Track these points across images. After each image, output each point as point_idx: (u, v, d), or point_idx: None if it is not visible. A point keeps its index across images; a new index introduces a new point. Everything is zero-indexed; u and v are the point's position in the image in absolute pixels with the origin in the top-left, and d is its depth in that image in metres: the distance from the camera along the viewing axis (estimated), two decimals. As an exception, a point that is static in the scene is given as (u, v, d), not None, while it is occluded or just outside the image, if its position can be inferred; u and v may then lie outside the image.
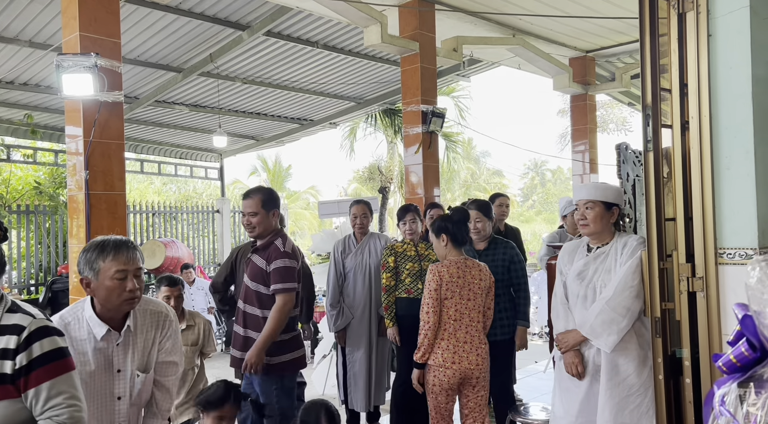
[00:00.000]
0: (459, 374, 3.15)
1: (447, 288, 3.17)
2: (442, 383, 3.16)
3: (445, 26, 6.17)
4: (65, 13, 3.82)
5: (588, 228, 2.83)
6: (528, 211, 35.94)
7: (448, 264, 3.24)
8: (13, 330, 1.55)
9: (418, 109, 5.73)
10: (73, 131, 3.81)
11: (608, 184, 2.97)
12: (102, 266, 1.98)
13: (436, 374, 3.16)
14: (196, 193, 23.93)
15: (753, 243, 2.18)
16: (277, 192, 3.33)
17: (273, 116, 10.28)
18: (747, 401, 1.34)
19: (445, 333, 3.17)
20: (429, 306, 3.16)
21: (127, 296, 2.00)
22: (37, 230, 8.82)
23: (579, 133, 8.43)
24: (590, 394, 2.76)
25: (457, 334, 3.17)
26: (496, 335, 3.69)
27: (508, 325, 3.75)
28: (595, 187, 2.90)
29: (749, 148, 2.19)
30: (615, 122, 23.39)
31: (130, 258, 2.01)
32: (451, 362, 3.14)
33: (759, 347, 1.41)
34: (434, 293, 3.16)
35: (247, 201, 3.26)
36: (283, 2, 5.69)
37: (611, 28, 6.97)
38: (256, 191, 3.29)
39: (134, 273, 2.02)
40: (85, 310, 2.07)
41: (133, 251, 2.03)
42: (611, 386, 2.67)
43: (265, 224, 3.24)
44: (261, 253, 3.24)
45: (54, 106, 8.62)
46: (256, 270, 3.22)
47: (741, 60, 2.22)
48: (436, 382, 3.17)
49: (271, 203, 3.27)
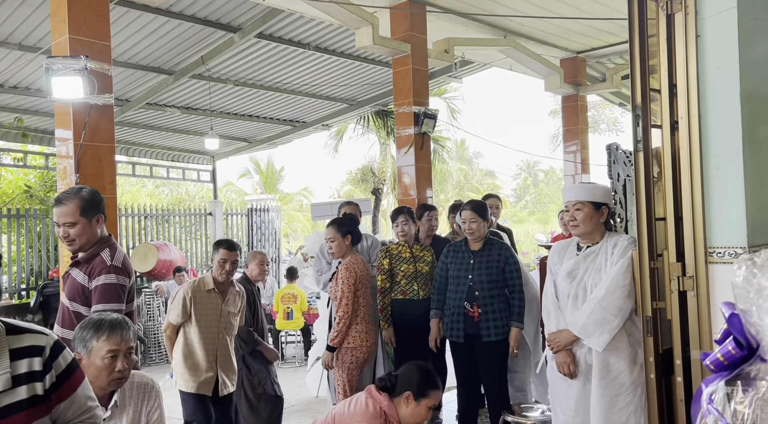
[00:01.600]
0: (370, 351, 3.89)
1: (359, 281, 3.81)
2: (359, 360, 3.81)
3: (436, 28, 6.18)
4: (54, 16, 3.80)
5: (578, 229, 2.84)
6: (521, 211, 36.06)
7: (356, 261, 3.85)
8: (33, 352, 1.54)
9: (410, 110, 5.74)
10: (63, 134, 3.79)
11: (596, 184, 2.98)
12: (95, 346, 2.02)
13: (355, 353, 3.78)
14: (189, 195, 23.84)
15: (742, 242, 2.20)
16: (100, 194, 2.82)
17: (265, 118, 10.27)
18: (734, 399, 1.36)
19: (359, 318, 3.81)
20: (348, 299, 3.74)
21: (115, 376, 2.05)
22: (28, 233, 8.76)
23: (570, 134, 8.46)
24: (584, 393, 2.77)
25: (366, 317, 3.85)
26: (491, 335, 3.69)
27: (502, 326, 3.74)
28: (582, 188, 2.91)
29: (738, 148, 2.21)
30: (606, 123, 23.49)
31: (123, 338, 2.05)
32: (366, 341, 3.82)
33: (746, 345, 1.42)
34: (352, 287, 3.76)
35: (60, 209, 2.64)
36: (275, 4, 5.69)
37: (601, 29, 7.00)
38: (71, 196, 2.67)
39: (125, 352, 2.06)
40: None
41: (127, 331, 2.08)
42: (602, 385, 2.68)
43: (88, 235, 2.68)
44: (82, 266, 2.69)
45: (44, 110, 8.57)
46: (75, 287, 2.68)
47: (729, 61, 2.23)
48: (353, 360, 3.79)
49: (92, 209, 2.69)
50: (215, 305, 3.62)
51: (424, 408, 2.51)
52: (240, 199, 21.95)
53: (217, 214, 11.34)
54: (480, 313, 3.70)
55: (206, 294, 3.61)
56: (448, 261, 3.91)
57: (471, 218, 3.82)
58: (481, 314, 3.70)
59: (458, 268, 3.83)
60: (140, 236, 10.13)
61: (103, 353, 2.02)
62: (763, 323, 1.35)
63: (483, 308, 3.70)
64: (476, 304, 3.71)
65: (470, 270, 3.77)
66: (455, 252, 3.91)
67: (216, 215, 11.32)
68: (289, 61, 7.72)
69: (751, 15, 2.28)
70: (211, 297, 3.62)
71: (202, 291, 3.61)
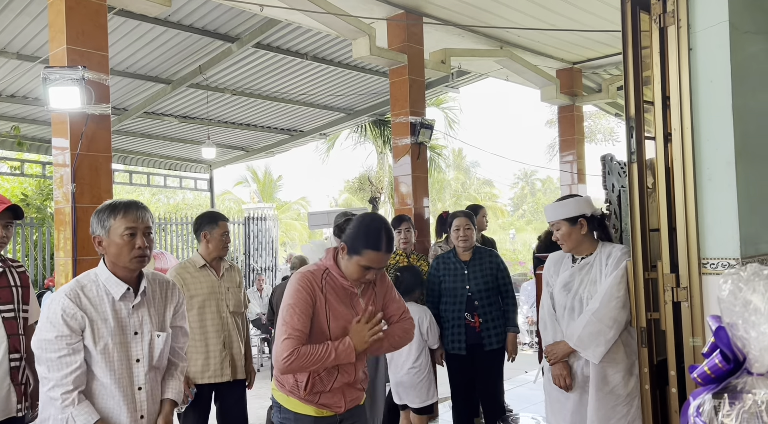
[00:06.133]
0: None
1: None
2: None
3: (433, 38, 6.21)
4: (52, 26, 3.81)
5: (565, 246, 2.87)
6: (518, 220, 36.10)
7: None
8: None
9: (406, 120, 5.76)
10: (60, 143, 3.79)
11: (567, 199, 2.95)
12: (112, 224, 2.06)
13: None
14: (186, 204, 23.82)
15: (735, 253, 2.21)
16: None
17: (262, 127, 10.29)
18: (722, 411, 1.36)
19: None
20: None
21: (136, 252, 2.06)
22: (24, 242, 8.74)
23: (567, 144, 8.49)
24: (580, 405, 2.77)
25: None
26: (493, 344, 3.68)
27: (501, 333, 3.74)
28: (554, 208, 2.89)
29: (730, 160, 2.23)
30: (602, 133, 23.61)
31: (139, 217, 2.08)
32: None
33: (732, 358, 1.43)
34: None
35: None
36: (272, 15, 5.71)
37: (597, 40, 7.05)
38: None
39: (143, 231, 2.08)
40: (99, 274, 2.11)
41: (142, 211, 2.10)
42: (600, 396, 2.68)
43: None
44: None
45: (41, 118, 8.57)
46: None
47: (721, 74, 2.26)
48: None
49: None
50: (210, 282, 3.42)
51: (354, 265, 2.20)
52: (237, 207, 21.94)
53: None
54: (481, 322, 3.68)
55: (197, 272, 3.41)
56: (440, 274, 3.87)
57: (465, 224, 3.80)
58: (482, 323, 3.69)
59: (453, 279, 3.80)
60: (137, 244, 10.10)
61: (121, 230, 2.05)
62: (749, 337, 1.36)
63: (483, 317, 3.70)
64: (477, 314, 3.69)
65: (466, 280, 3.76)
66: (445, 264, 3.87)
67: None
68: (286, 71, 7.75)
69: (743, 29, 2.31)
70: (204, 274, 3.42)
71: (191, 271, 3.41)
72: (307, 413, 2.23)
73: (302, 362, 2.09)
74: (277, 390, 2.31)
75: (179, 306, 2.29)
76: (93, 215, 2.13)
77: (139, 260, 2.08)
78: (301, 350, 2.09)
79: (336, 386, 2.24)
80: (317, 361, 2.11)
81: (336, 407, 2.26)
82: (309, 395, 2.21)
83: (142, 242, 2.07)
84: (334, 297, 2.24)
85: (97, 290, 2.07)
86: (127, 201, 2.12)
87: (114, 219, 2.06)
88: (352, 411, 2.33)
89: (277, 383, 2.31)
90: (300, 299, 2.17)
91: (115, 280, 2.08)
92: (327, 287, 2.23)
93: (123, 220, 2.06)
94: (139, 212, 2.09)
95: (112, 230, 2.06)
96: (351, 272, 2.23)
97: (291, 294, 2.20)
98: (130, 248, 2.05)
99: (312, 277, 2.24)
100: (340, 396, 2.27)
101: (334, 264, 2.28)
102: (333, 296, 2.23)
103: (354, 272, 2.23)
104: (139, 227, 2.07)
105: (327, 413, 2.25)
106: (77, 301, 2.01)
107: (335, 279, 2.26)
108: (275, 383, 2.32)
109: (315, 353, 2.11)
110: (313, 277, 2.24)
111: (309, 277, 2.23)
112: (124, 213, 2.06)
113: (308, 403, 2.23)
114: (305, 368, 2.12)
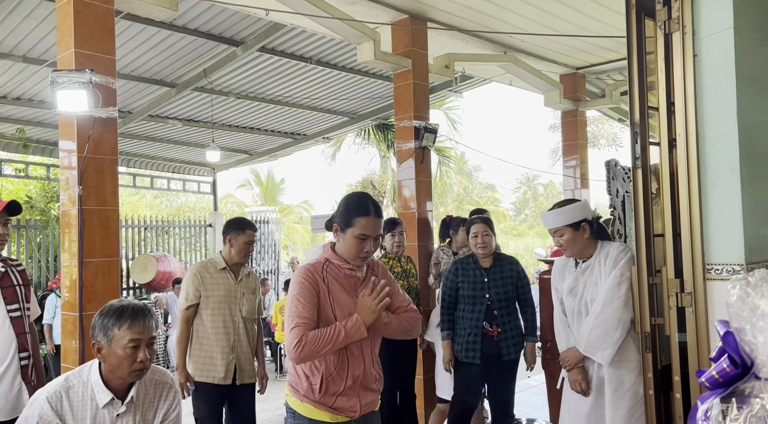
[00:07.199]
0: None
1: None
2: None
3: (437, 43, 6.24)
4: (60, 29, 3.83)
5: (568, 252, 2.88)
6: (521, 225, 36.07)
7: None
8: None
9: (410, 124, 5.78)
10: (67, 146, 3.81)
11: (567, 205, 2.91)
12: (116, 334, 1.95)
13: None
14: (189, 207, 23.86)
15: (740, 259, 2.22)
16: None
17: (266, 131, 10.31)
18: (729, 416, 1.37)
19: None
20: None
21: (137, 366, 1.98)
22: (28, 244, 8.76)
23: (570, 149, 8.49)
24: (596, 407, 2.77)
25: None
26: (511, 353, 3.61)
27: (520, 343, 3.66)
28: (556, 214, 2.87)
29: (735, 166, 2.24)
30: (606, 138, 23.60)
31: (145, 327, 1.98)
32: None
33: (740, 363, 1.44)
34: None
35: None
36: (278, 19, 5.74)
37: (601, 46, 7.06)
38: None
39: (147, 342, 1.99)
40: (92, 374, 2.02)
41: (149, 319, 2.01)
42: (617, 397, 2.68)
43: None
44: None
45: (46, 121, 8.60)
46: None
47: (726, 80, 2.27)
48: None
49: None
50: (227, 285, 3.50)
51: (350, 239, 2.22)
52: (240, 210, 21.97)
53: (217, 225, 11.35)
54: (500, 332, 3.59)
55: (217, 274, 3.50)
56: (458, 280, 3.72)
57: (483, 231, 3.65)
58: (500, 333, 3.59)
59: (473, 287, 3.66)
60: (140, 247, 10.13)
61: (124, 342, 1.94)
62: (757, 342, 1.37)
63: (502, 327, 3.60)
64: (495, 323, 3.59)
65: (486, 289, 3.63)
66: (464, 270, 3.72)
67: (216, 227, 11.33)
68: (290, 75, 7.78)
69: (748, 35, 2.32)
70: (223, 277, 3.51)
71: (212, 271, 3.50)
72: (322, 419, 2.21)
73: (313, 346, 2.09)
74: (291, 396, 2.30)
75: (171, 412, 2.16)
76: (96, 318, 2.01)
77: (138, 373, 2.00)
78: (309, 334, 2.10)
79: (349, 383, 2.22)
80: (328, 342, 2.10)
81: (351, 411, 2.24)
82: (324, 398, 2.20)
83: (144, 355, 1.97)
84: (337, 286, 2.25)
85: (83, 393, 1.99)
86: (135, 307, 2.01)
87: (119, 329, 1.95)
88: (367, 417, 2.30)
89: (291, 389, 2.30)
90: (303, 288, 2.20)
91: (103, 388, 1.99)
92: (329, 277, 2.26)
93: (128, 330, 1.95)
94: (146, 321, 1.99)
95: (115, 340, 1.95)
96: (348, 249, 2.25)
97: (294, 287, 2.23)
98: (131, 362, 1.96)
99: (313, 269, 2.27)
100: (356, 400, 2.25)
101: (333, 253, 2.31)
102: (336, 285, 2.25)
103: (351, 248, 2.24)
104: (143, 339, 1.97)
105: (342, 418, 2.23)
106: (57, 407, 1.93)
107: (336, 267, 2.28)
108: (289, 389, 2.32)
109: (324, 335, 2.11)
110: (314, 268, 2.27)
111: (310, 269, 2.26)
112: (130, 323, 1.96)
113: (323, 408, 2.21)
114: (318, 352, 2.11)
